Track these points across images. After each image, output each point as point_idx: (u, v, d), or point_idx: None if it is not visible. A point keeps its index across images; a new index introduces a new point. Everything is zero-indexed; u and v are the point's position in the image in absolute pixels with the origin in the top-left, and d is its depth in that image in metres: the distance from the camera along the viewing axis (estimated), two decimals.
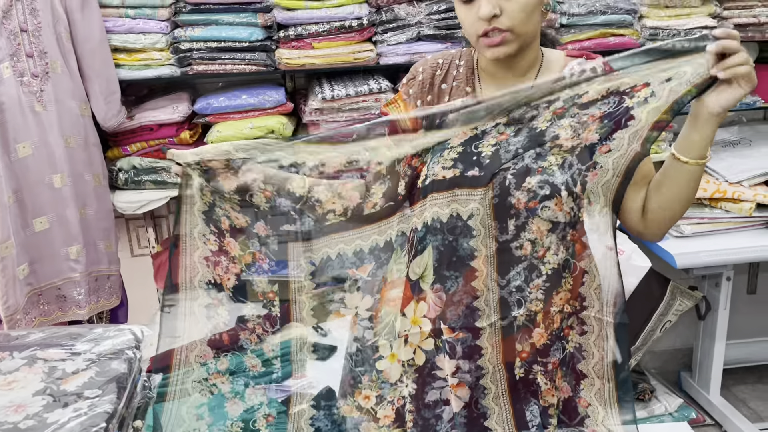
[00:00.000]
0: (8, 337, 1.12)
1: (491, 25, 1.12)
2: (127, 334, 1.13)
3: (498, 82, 1.24)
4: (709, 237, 2.31)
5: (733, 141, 2.56)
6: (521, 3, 1.12)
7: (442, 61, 1.29)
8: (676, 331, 2.87)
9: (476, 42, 1.16)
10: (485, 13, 1.10)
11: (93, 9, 1.99)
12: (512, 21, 1.12)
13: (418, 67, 1.31)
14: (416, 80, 1.29)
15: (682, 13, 2.20)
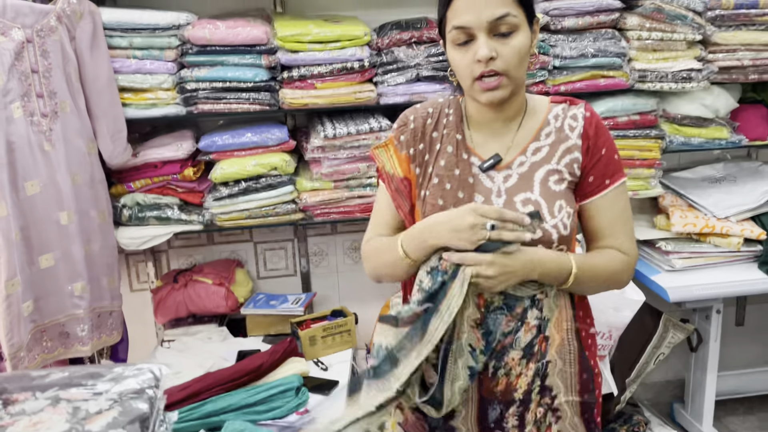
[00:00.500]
0: (29, 377, 1.13)
1: (488, 67, 1.15)
2: (146, 373, 1.14)
3: (486, 127, 1.28)
4: (700, 271, 2.38)
5: (719, 177, 2.64)
6: (515, 47, 1.16)
7: (432, 110, 1.32)
8: (668, 363, 2.92)
9: (471, 86, 1.19)
10: (484, 54, 1.13)
11: (102, 50, 2.04)
12: (507, 65, 1.16)
13: (409, 115, 1.33)
14: (408, 128, 1.31)
15: (669, 56, 2.29)
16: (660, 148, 2.38)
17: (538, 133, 1.26)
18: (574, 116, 1.26)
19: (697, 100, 2.37)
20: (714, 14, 2.25)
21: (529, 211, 1.20)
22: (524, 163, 1.25)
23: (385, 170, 1.33)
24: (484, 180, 1.25)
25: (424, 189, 1.27)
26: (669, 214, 2.45)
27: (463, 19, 1.15)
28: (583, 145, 1.24)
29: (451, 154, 1.26)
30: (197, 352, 2.26)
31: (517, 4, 1.16)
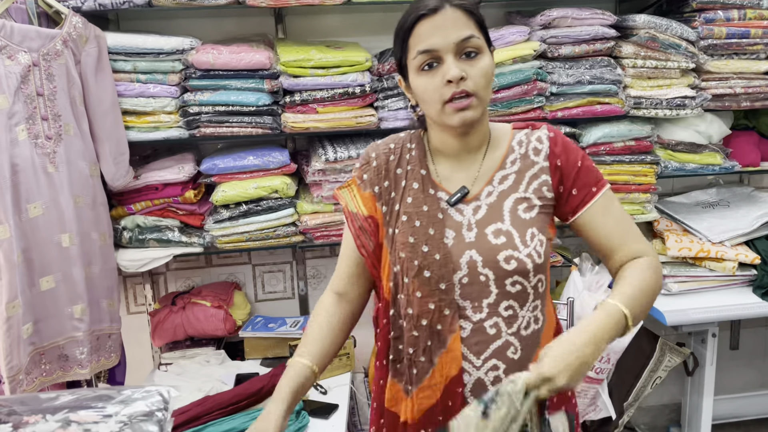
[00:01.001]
0: (39, 400, 1.12)
1: (459, 87, 1.13)
2: (155, 395, 1.14)
3: (451, 159, 1.26)
4: (695, 295, 2.41)
5: (712, 202, 2.68)
6: (482, 69, 1.15)
7: (393, 145, 1.30)
8: (665, 386, 2.93)
9: (441, 110, 1.15)
10: (455, 74, 1.11)
11: (106, 74, 2.06)
12: (476, 85, 1.14)
13: (371, 153, 1.31)
14: (371, 166, 1.29)
15: (663, 84, 2.34)
16: (655, 173, 2.42)
17: (503, 161, 1.25)
18: (539, 139, 1.25)
19: (691, 127, 2.42)
20: (707, 43, 2.31)
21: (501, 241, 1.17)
22: (492, 193, 1.23)
23: (348, 210, 1.31)
24: (454, 214, 1.23)
25: (392, 227, 1.24)
26: (664, 239, 2.48)
27: (429, 42, 1.13)
28: (551, 165, 1.23)
29: (418, 191, 1.24)
30: (195, 375, 2.24)
31: (478, 29, 1.16)
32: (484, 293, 1.19)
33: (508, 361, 1.20)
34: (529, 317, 1.21)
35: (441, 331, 1.20)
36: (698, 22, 2.31)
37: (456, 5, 1.14)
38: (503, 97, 2.25)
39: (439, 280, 1.18)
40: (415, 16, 1.14)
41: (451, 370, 1.19)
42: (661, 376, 2.57)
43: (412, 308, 1.21)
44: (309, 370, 1.26)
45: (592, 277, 2.33)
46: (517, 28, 2.27)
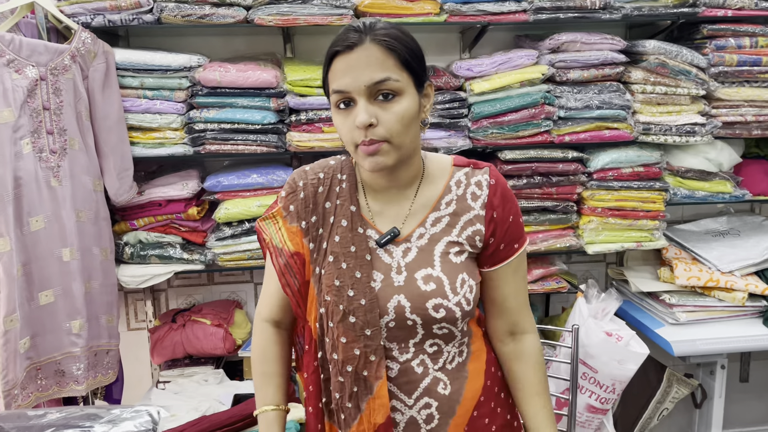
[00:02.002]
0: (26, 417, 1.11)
1: (368, 136, 1.07)
2: (144, 415, 1.12)
3: (381, 194, 1.20)
4: (704, 325, 2.36)
5: (722, 231, 2.64)
6: (397, 114, 1.07)
7: (323, 175, 1.23)
8: (673, 418, 2.86)
9: (354, 152, 1.11)
10: (362, 120, 1.05)
11: (113, 89, 2.06)
12: (389, 131, 1.07)
13: (298, 181, 1.23)
14: (297, 196, 1.22)
15: (672, 110, 2.32)
16: (664, 200, 2.39)
17: (438, 202, 1.20)
18: (479, 183, 1.20)
19: (701, 154, 2.39)
20: (717, 70, 2.29)
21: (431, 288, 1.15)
22: (423, 236, 1.18)
23: (272, 244, 1.22)
24: (383, 255, 1.17)
25: (318, 266, 1.18)
26: (673, 267, 2.44)
27: (341, 82, 1.07)
28: (487, 215, 1.19)
29: (346, 229, 1.17)
30: (193, 394, 2.21)
31: (401, 68, 1.08)
32: (411, 335, 1.16)
33: (440, 397, 1.18)
34: (455, 352, 1.20)
35: (367, 377, 1.15)
36: (709, 49, 2.29)
37: (377, 40, 1.07)
38: (510, 120, 2.24)
39: (364, 326, 1.14)
40: (332, 51, 1.09)
41: (377, 417, 1.15)
42: (668, 407, 2.52)
43: (337, 353, 1.16)
44: (281, 414, 1.26)
45: (598, 304, 2.29)
46: (526, 51, 2.26)
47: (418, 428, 1.17)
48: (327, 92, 1.14)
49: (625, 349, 2.15)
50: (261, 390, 1.26)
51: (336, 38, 1.09)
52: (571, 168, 2.32)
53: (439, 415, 1.17)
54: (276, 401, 1.25)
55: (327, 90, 1.14)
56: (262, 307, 1.30)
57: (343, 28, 1.11)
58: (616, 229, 2.39)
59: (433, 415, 1.17)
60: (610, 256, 2.81)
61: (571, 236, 2.40)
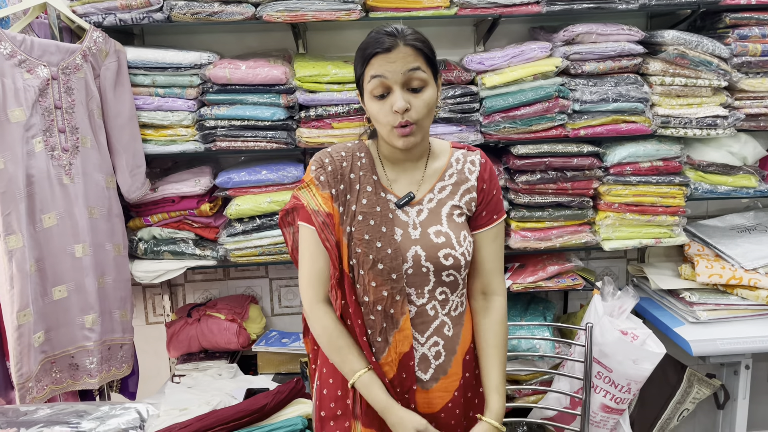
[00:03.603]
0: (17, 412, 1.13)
1: (404, 118, 1.31)
2: (132, 413, 1.14)
3: (397, 166, 1.45)
4: (726, 324, 2.28)
5: (748, 227, 2.55)
6: (425, 101, 1.34)
7: (344, 153, 1.45)
8: (695, 419, 2.79)
9: (389, 132, 1.35)
10: (401, 106, 1.30)
11: (125, 87, 2.09)
12: (419, 114, 1.33)
13: (324, 158, 1.44)
14: (326, 169, 1.42)
15: (693, 102, 2.24)
16: (684, 195, 2.32)
17: (443, 174, 1.46)
18: (473, 161, 1.48)
19: (724, 147, 2.31)
20: (740, 60, 2.21)
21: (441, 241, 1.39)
22: (433, 200, 1.44)
23: (310, 207, 1.41)
24: (401, 215, 1.42)
25: (348, 225, 1.40)
26: (694, 264, 2.37)
27: (382, 70, 1.30)
28: (479, 186, 1.46)
29: (371, 193, 1.41)
30: (206, 388, 2.24)
31: (427, 64, 1.34)
32: (425, 282, 1.40)
33: (445, 338, 1.42)
34: (457, 302, 1.45)
35: (394, 314, 1.38)
36: (732, 39, 2.21)
37: (408, 44, 1.31)
38: (523, 114, 2.20)
39: (391, 270, 1.36)
40: (372, 52, 1.31)
41: (404, 346, 1.38)
42: (688, 408, 2.45)
43: (368, 296, 1.38)
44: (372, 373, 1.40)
45: (615, 302, 2.24)
46: (539, 44, 2.21)
47: (429, 362, 1.41)
48: (361, 89, 1.38)
49: (640, 348, 2.09)
50: (345, 362, 1.40)
51: (371, 42, 1.33)
52: (587, 162, 2.26)
53: (445, 352, 1.42)
54: (363, 365, 1.39)
55: (361, 86, 1.37)
56: (310, 291, 1.43)
57: (375, 33, 1.34)
58: (634, 225, 2.33)
59: (441, 352, 1.42)
60: (630, 253, 2.74)
61: (587, 232, 2.34)
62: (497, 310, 1.50)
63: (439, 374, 1.42)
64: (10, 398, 1.96)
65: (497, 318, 1.50)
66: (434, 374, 1.42)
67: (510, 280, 2.38)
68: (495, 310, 1.50)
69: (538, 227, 2.32)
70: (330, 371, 1.47)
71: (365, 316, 1.39)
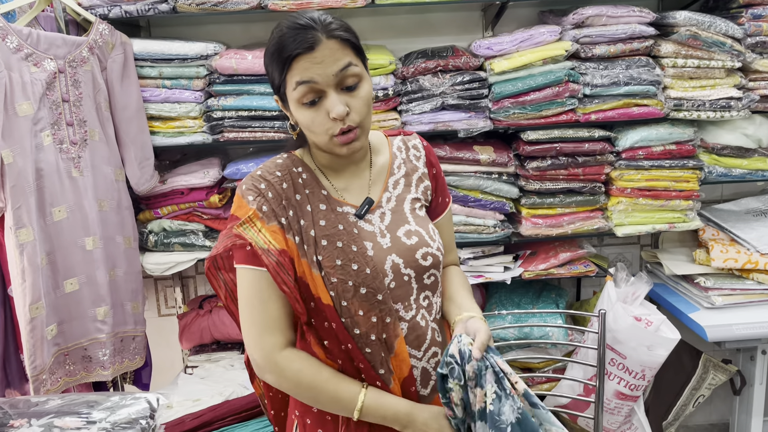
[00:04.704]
0: (28, 404, 1.14)
1: (346, 124, 1.14)
2: (142, 403, 1.13)
3: (342, 173, 1.28)
4: (742, 309, 2.25)
5: (764, 210, 2.52)
6: (363, 98, 1.16)
7: (280, 173, 1.23)
8: (712, 405, 2.77)
9: (328, 141, 1.16)
10: (341, 111, 1.12)
11: (132, 80, 2.09)
12: (360, 116, 1.16)
13: (258, 184, 1.21)
14: (266, 196, 1.19)
15: (706, 84, 2.21)
16: (698, 179, 2.28)
17: (391, 167, 1.32)
18: (415, 146, 1.36)
19: (738, 130, 2.27)
20: (754, 41, 2.17)
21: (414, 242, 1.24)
22: (391, 199, 1.29)
23: (258, 247, 1.15)
24: (364, 225, 1.24)
25: (314, 254, 1.19)
26: (709, 249, 2.34)
27: (308, 74, 1.11)
28: (430, 172, 1.35)
29: (327, 211, 1.22)
30: (218, 379, 2.25)
31: (355, 54, 1.16)
32: (409, 291, 1.24)
33: (438, 345, 1.28)
34: (438, 303, 1.31)
35: (387, 339, 1.21)
36: (745, 18, 2.17)
37: (332, 36, 1.12)
38: (532, 99, 2.17)
39: (375, 292, 1.19)
40: (292, 54, 1.11)
41: (402, 372, 1.22)
42: (704, 394, 2.43)
43: (358, 328, 1.18)
44: (372, 389, 1.21)
45: (628, 288, 2.21)
46: (548, 27, 2.18)
47: (429, 375, 1.26)
48: (283, 94, 1.18)
49: (654, 334, 2.07)
50: (338, 392, 1.19)
51: (286, 40, 1.12)
52: (598, 147, 2.24)
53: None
54: (359, 387, 1.19)
55: (283, 91, 1.17)
56: (267, 341, 1.19)
57: (287, 29, 1.12)
58: (647, 210, 2.30)
59: (438, 361, 1.26)
60: (644, 238, 2.71)
61: (600, 218, 2.32)
62: (455, 267, 1.42)
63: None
64: (25, 390, 1.97)
65: (457, 270, 1.40)
66: (434, 386, 1.27)
67: (521, 267, 2.36)
68: (453, 267, 1.41)
69: (550, 214, 2.30)
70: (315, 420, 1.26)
71: (362, 351, 1.19)
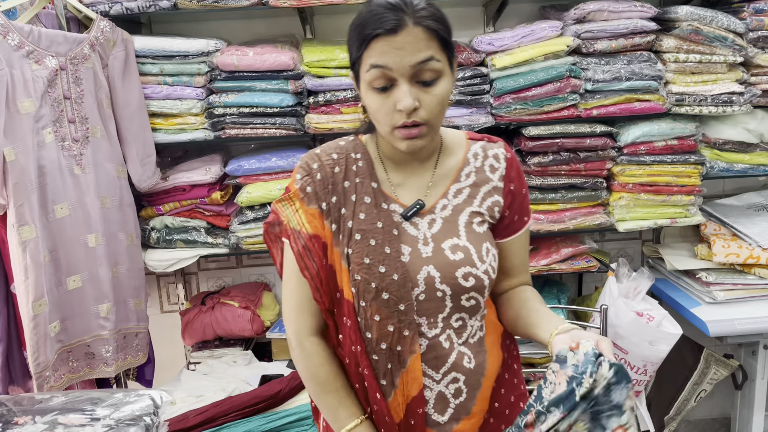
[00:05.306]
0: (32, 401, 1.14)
1: (410, 118, 1.06)
2: (146, 399, 1.14)
3: (403, 167, 1.21)
4: (744, 303, 2.25)
5: (766, 205, 2.51)
6: (438, 96, 1.07)
7: (336, 156, 1.19)
8: (713, 399, 2.77)
9: (390, 133, 1.10)
10: (407, 105, 1.04)
11: (133, 77, 2.09)
12: (430, 114, 1.07)
13: (311, 164, 1.18)
14: (314, 178, 1.17)
15: (708, 79, 2.20)
16: (700, 174, 2.28)
17: (458, 173, 1.21)
18: (496, 156, 1.23)
19: (740, 125, 2.27)
20: (756, 35, 2.16)
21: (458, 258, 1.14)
22: (447, 207, 1.19)
23: (289, 227, 1.16)
24: (409, 228, 1.17)
25: (345, 246, 1.15)
26: (711, 244, 2.34)
27: (384, 59, 1.04)
28: (505, 188, 1.22)
29: (371, 206, 1.16)
30: (221, 375, 2.26)
31: (441, 47, 1.07)
32: (440, 308, 1.15)
33: (466, 371, 1.17)
34: (477, 326, 1.20)
35: (401, 352, 1.14)
36: (747, 13, 2.16)
37: (419, 23, 1.03)
38: (534, 95, 2.17)
39: (398, 301, 1.12)
40: (372, 33, 1.04)
41: (411, 390, 1.15)
42: (706, 389, 2.43)
43: (370, 332, 1.14)
44: (367, 423, 1.16)
45: (629, 283, 2.22)
46: (549, 23, 2.18)
47: (447, 403, 1.17)
48: (357, 72, 1.11)
49: (656, 329, 2.08)
50: (339, 406, 1.16)
51: (370, 18, 1.04)
52: (600, 143, 2.23)
53: (467, 388, 1.17)
54: (358, 414, 1.16)
55: (357, 69, 1.10)
56: (298, 322, 1.19)
57: (375, 5, 1.04)
58: (649, 205, 2.30)
59: (461, 389, 1.17)
60: (646, 234, 2.71)
61: (601, 213, 2.32)
62: (530, 288, 1.29)
63: (460, 414, 1.18)
64: (28, 387, 1.98)
65: (532, 290, 1.28)
66: (454, 414, 1.18)
67: None
68: (529, 288, 1.29)
69: (551, 209, 2.30)
70: None
71: (369, 356, 1.15)
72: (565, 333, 1.03)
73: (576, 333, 1.02)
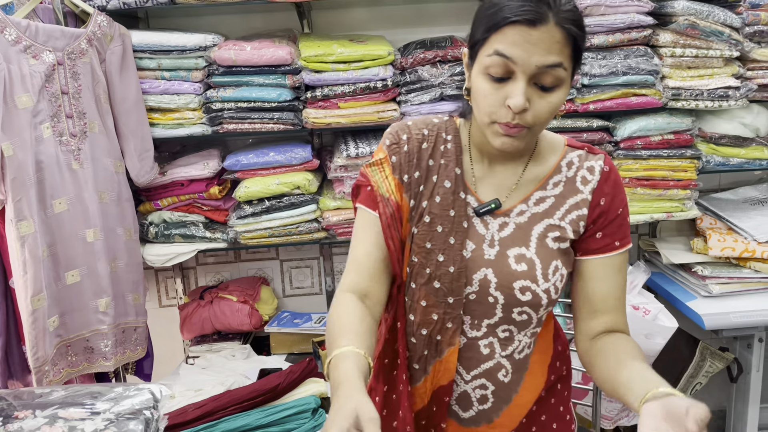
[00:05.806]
0: (33, 395, 1.15)
1: (515, 119, 0.99)
2: (146, 393, 1.15)
3: (490, 162, 1.14)
4: (739, 297, 2.27)
5: (762, 199, 2.53)
6: (552, 104, 1.00)
7: (427, 131, 1.15)
8: (708, 392, 2.79)
9: (488, 124, 1.03)
10: (518, 104, 0.97)
11: (131, 72, 2.09)
12: (536, 120, 1.00)
13: (401, 134, 1.14)
14: (401, 148, 1.13)
15: (705, 73, 2.21)
16: (696, 168, 2.29)
17: (546, 180, 1.13)
18: (591, 168, 1.13)
19: (736, 119, 2.28)
20: (753, 30, 2.17)
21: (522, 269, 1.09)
22: (524, 213, 1.13)
23: (379, 192, 1.12)
24: (478, 225, 1.12)
25: (414, 225, 1.12)
26: (707, 237, 2.35)
27: (511, 50, 0.96)
28: (593, 201, 1.12)
29: (449, 191, 1.11)
30: (220, 369, 2.26)
31: (572, 56, 0.99)
32: (489, 314, 1.12)
33: (498, 383, 1.16)
34: (525, 342, 1.16)
35: (440, 342, 1.13)
36: (743, 8, 2.17)
37: (561, 24, 0.96)
38: None
39: (448, 293, 1.10)
40: (509, 19, 0.95)
41: (442, 379, 1.15)
42: (701, 382, 2.45)
43: (413, 315, 1.14)
44: (367, 364, 0.96)
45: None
46: None
47: (470, 404, 1.16)
48: (475, 53, 1.02)
49: (652, 323, 2.09)
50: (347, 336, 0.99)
51: (511, 2, 0.96)
52: (597, 137, 2.24)
53: (494, 399, 1.16)
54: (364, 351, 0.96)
55: (477, 50, 1.01)
56: (344, 279, 1.13)
57: None
58: (645, 199, 2.31)
59: (488, 396, 1.16)
60: (642, 228, 2.73)
61: None
62: (627, 336, 1.15)
63: (480, 420, 1.17)
64: (27, 382, 1.99)
65: (630, 338, 1.14)
66: (475, 417, 1.17)
67: None
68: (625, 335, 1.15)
69: None
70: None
71: (407, 338, 1.15)
72: (656, 400, 0.90)
73: (669, 401, 0.89)
